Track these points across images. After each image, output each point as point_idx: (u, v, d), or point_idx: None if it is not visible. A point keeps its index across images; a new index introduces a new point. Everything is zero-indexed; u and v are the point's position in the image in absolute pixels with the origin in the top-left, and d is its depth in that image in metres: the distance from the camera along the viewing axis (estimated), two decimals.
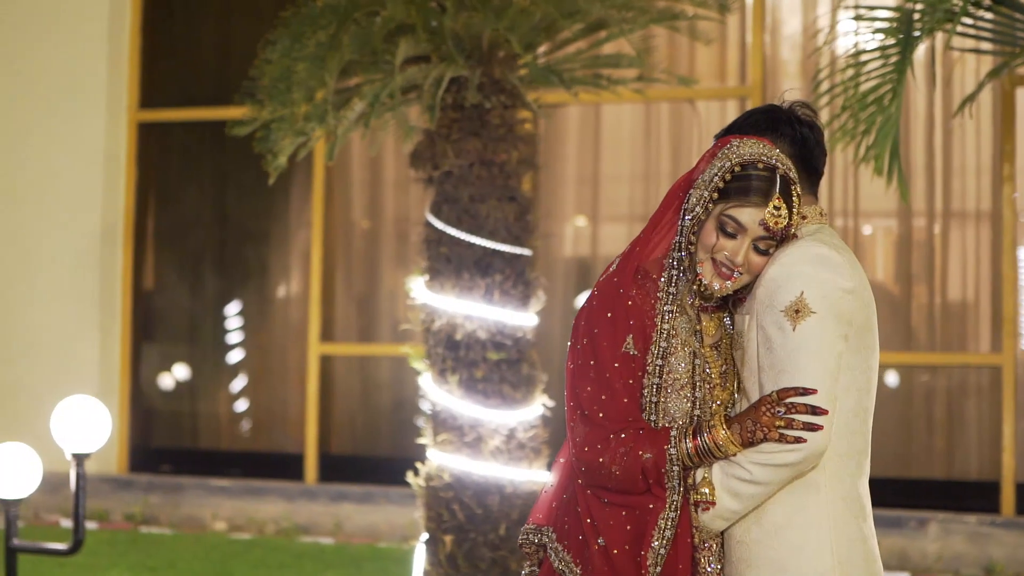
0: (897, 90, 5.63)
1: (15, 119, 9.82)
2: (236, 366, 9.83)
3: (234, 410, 9.81)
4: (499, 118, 5.73)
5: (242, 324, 9.88)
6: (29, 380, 9.47)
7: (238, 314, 9.88)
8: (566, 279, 9.02)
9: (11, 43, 9.85)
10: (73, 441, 6.47)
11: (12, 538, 6.29)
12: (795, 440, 2.90)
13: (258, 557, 7.94)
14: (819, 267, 2.99)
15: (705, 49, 8.87)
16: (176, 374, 9.94)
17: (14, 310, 9.73)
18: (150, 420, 9.91)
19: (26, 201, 9.77)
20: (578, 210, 9.17)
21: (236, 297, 9.87)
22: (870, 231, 8.89)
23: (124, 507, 9.28)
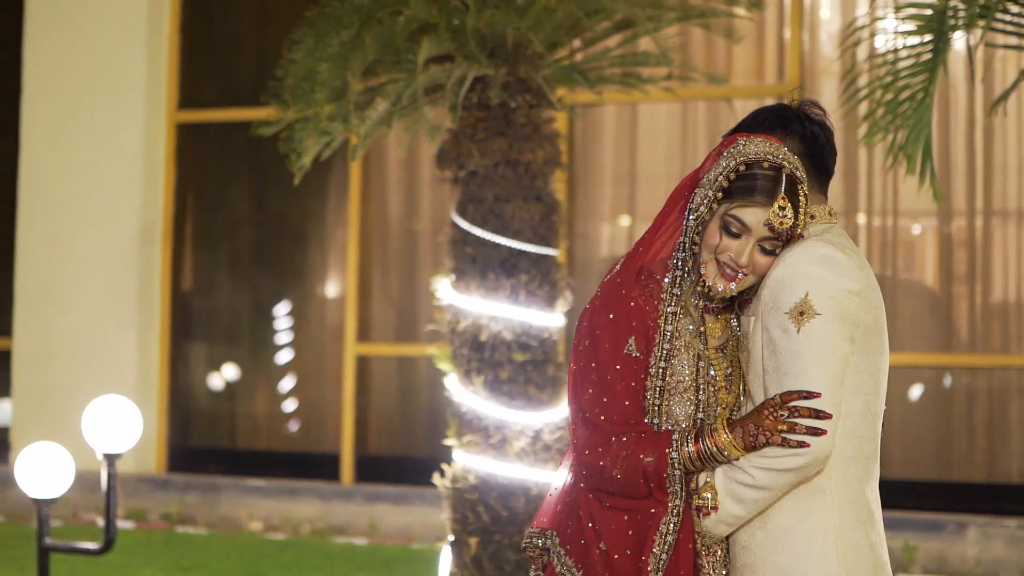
0: (929, 89, 5.53)
1: (55, 120, 9.87)
2: (273, 366, 9.84)
3: (271, 410, 9.82)
4: (524, 117, 5.69)
5: (280, 324, 9.89)
6: (68, 380, 9.51)
7: (276, 314, 9.89)
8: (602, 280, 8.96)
9: (51, 45, 9.90)
10: (104, 441, 6.49)
11: (44, 537, 6.31)
12: (798, 444, 2.84)
13: (291, 558, 7.94)
14: (824, 268, 2.93)
15: (742, 47, 8.79)
16: (214, 374, 9.96)
17: (54, 310, 9.78)
18: (188, 420, 9.94)
19: (66, 202, 9.82)
20: (614, 210, 9.11)
21: (274, 297, 9.88)
22: (911, 231, 8.77)
23: (161, 507, 9.31)
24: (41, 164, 9.89)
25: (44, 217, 9.87)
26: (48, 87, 9.90)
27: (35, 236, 9.89)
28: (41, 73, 9.93)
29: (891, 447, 8.42)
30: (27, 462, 6.30)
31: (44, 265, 9.84)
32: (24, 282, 9.90)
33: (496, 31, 5.31)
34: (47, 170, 9.87)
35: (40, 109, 9.92)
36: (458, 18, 5.19)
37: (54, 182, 9.85)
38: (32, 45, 9.96)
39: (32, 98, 9.93)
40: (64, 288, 9.77)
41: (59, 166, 9.85)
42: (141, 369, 9.67)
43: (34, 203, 9.90)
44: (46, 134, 9.89)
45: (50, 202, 9.86)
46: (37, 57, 9.94)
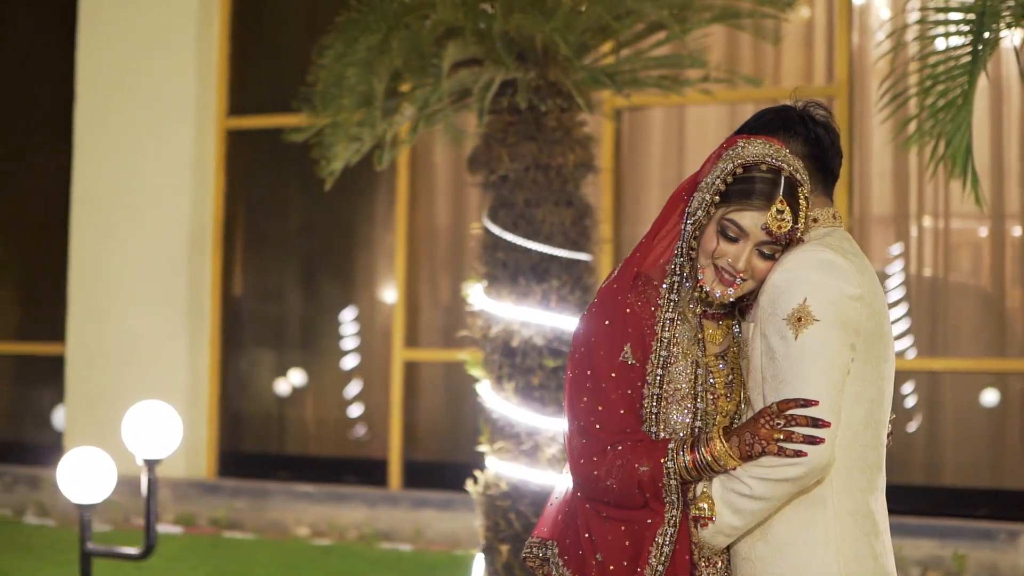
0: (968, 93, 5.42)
1: (106, 128, 9.95)
2: (323, 371, 9.85)
3: (320, 415, 9.84)
4: (555, 121, 5.63)
5: (329, 330, 9.91)
6: (120, 385, 9.58)
7: (325, 320, 9.91)
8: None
9: (102, 52, 9.99)
10: (145, 446, 6.52)
11: (87, 542, 6.35)
12: (795, 454, 2.77)
13: (334, 564, 7.94)
14: (824, 273, 2.86)
15: (791, 48, 8.69)
16: (263, 379, 10.00)
17: (106, 316, 9.86)
18: (239, 425, 9.98)
19: (117, 209, 9.89)
20: None
21: (323, 303, 9.90)
22: (964, 234, 8.61)
23: (210, 512, 9.35)
24: (93, 172, 9.98)
25: (96, 224, 9.95)
26: (100, 96, 9.98)
27: (87, 243, 9.97)
28: (93, 82, 10.01)
29: (943, 454, 8.28)
30: (69, 467, 6.35)
31: (96, 272, 9.92)
32: (77, 288, 9.99)
33: (524, 34, 5.27)
34: (99, 178, 9.96)
35: (92, 118, 10.00)
36: (484, 22, 5.15)
37: (106, 190, 9.93)
38: (85, 55, 10.05)
39: (85, 107, 10.02)
40: (116, 294, 9.84)
41: (111, 174, 9.93)
42: (192, 374, 9.72)
43: (86, 210, 9.98)
44: (98, 142, 9.97)
45: (102, 209, 9.93)
46: (89, 67, 10.03)
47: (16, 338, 10.75)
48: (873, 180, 8.50)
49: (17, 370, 10.77)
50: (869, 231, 8.53)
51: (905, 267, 8.43)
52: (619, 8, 5.29)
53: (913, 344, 8.39)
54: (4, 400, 10.84)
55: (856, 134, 8.45)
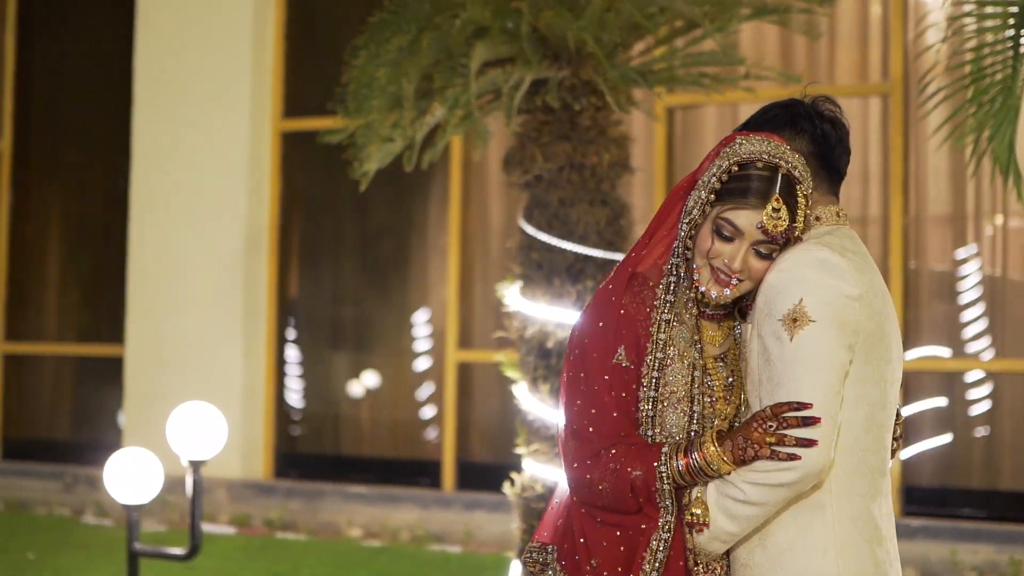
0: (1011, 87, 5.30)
1: (163, 131, 10.03)
2: (377, 373, 9.86)
3: (375, 416, 9.85)
4: (590, 120, 5.58)
5: (383, 331, 9.92)
6: (177, 387, 9.63)
7: (379, 321, 9.92)
8: None
9: (158, 55, 10.07)
10: (189, 447, 6.55)
11: (134, 542, 6.39)
12: (788, 458, 2.70)
13: (382, 565, 7.94)
14: (821, 272, 2.79)
15: (846, 45, 8.57)
16: (319, 380, 10.02)
17: (164, 318, 9.94)
18: (294, 426, 10.01)
19: (174, 211, 9.97)
20: None
21: (377, 304, 9.91)
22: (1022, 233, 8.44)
23: (264, 512, 9.38)
24: (151, 175, 10.06)
25: (154, 227, 10.03)
26: (157, 99, 10.07)
27: (146, 245, 10.05)
28: (151, 85, 10.10)
29: (1002, 457, 8.12)
30: (116, 468, 6.39)
31: (154, 274, 10.00)
32: (136, 291, 10.07)
33: (555, 33, 5.22)
34: (157, 181, 10.04)
35: (150, 121, 10.09)
36: (513, 21, 5.10)
37: (163, 192, 10.01)
38: (142, 58, 10.14)
39: (142, 110, 10.11)
40: (173, 296, 9.92)
41: (168, 176, 10.00)
42: (247, 376, 9.76)
43: (145, 213, 10.07)
44: (155, 145, 10.05)
45: (160, 212, 10.02)
46: (147, 71, 10.11)
47: (78, 340, 10.87)
48: (929, 179, 8.35)
49: (79, 371, 10.89)
50: (925, 230, 8.38)
51: (963, 267, 8.27)
52: (651, 6, 5.22)
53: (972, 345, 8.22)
54: (66, 401, 10.96)
55: (911, 132, 8.31)
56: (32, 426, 10.95)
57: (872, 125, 8.52)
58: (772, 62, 8.50)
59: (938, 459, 8.18)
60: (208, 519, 9.38)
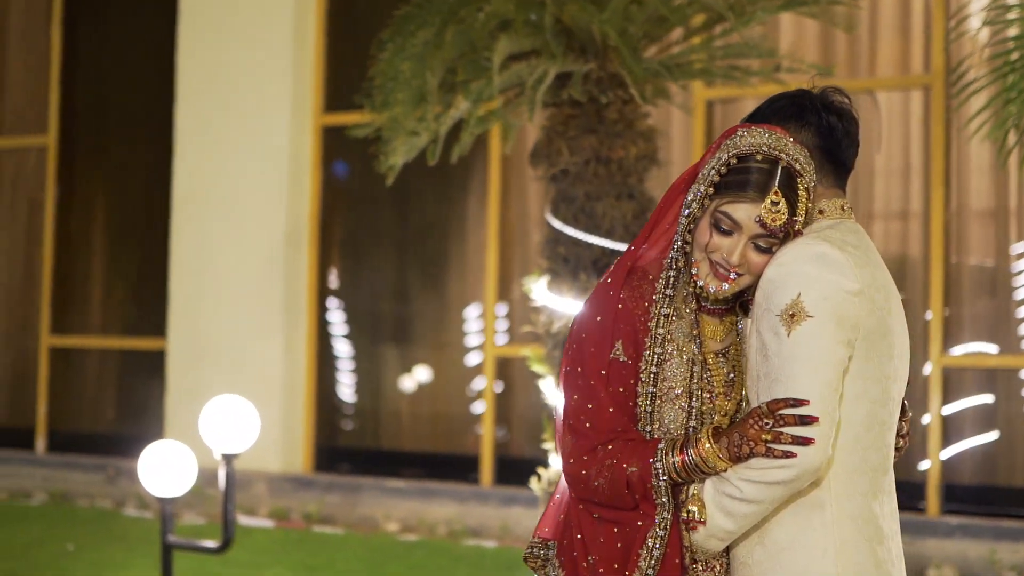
0: None
1: (205, 126, 10.07)
2: (417, 368, 9.86)
3: (414, 411, 9.85)
4: (617, 113, 5.53)
5: (423, 326, 9.91)
6: (218, 380, 9.68)
7: (419, 316, 9.92)
8: None
9: (200, 50, 10.12)
10: (222, 441, 6.57)
11: (168, 534, 6.42)
12: (784, 455, 2.66)
13: (418, 559, 7.93)
14: (820, 267, 2.74)
15: (887, 37, 8.47)
16: (359, 375, 10.03)
17: (205, 312, 9.99)
18: (334, 420, 10.03)
19: (216, 206, 10.01)
20: None
21: (417, 299, 9.91)
22: None
23: (303, 506, 9.41)
24: (193, 169, 10.11)
25: (196, 221, 10.08)
26: (199, 93, 10.11)
27: (187, 239, 10.11)
28: (193, 80, 10.15)
29: None
30: (150, 461, 6.42)
31: (196, 268, 10.05)
32: (177, 285, 10.13)
33: (580, 26, 5.18)
34: (198, 175, 10.09)
35: (192, 115, 10.14)
36: (536, 13, 5.06)
37: (205, 187, 10.05)
38: (184, 53, 10.19)
39: (184, 104, 10.16)
40: (214, 291, 9.96)
41: (209, 171, 10.05)
42: (287, 369, 9.79)
43: (186, 207, 10.12)
44: (197, 140, 10.10)
45: (201, 206, 10.06)
46: (189, 65, 10.16)
47: (122, 333, 10.94)
48: (971, 172, 8.24)
49: (123, 365, 10.97)
50: (967, 225, 8.26)
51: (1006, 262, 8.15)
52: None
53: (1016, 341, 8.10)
54: (110, 394, 11.04)
55: (954, 125, 8.19)
56: (77, 419, 11.04)
57: (914, 118, 8.41)
58: (812, 54, 8.41)
59: (979, 457, 8.07)
60: (247, 512, 9.42)
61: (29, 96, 11.36)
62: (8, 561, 7.78)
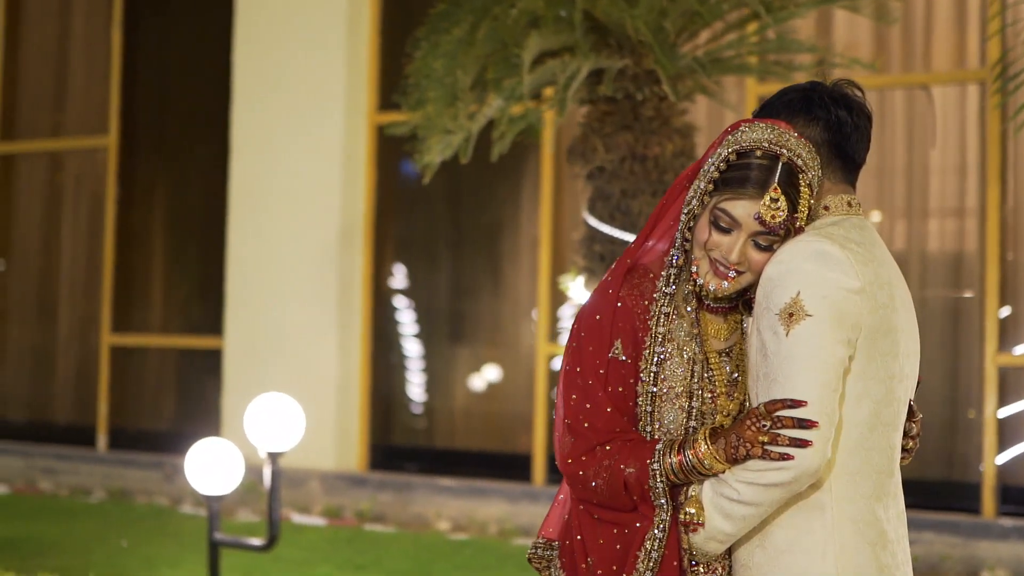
0: None
1: (261, 125, 10.13)
2: (469, 366, 9.85)
3: (467, 410, 9.84)
4: (653, 110, 5.48)
5: (475, 324, 9.90)
6: (273, 378, 9.73)
7: (472, 315, 9.91)
8: None
9: (257, 50, 10.17)
10: (267, 439, 6.59)
11: (214, 532, 6.46)
12: (781, 457, 2.61)
13: (465, 558, 7.92)
14: (819, 264, 2.68)
15: (942, 30, 8.33)
16: (413, 373, 10.04)
17: (260, 310, 10.04)
18: (388, 419, 10.05)
19: (271, 204, 10.06)
20: None
21: (471, 298, 9.90)
22: None
23: (356, 504, 9.43)
24: (249, 168, 10.17)
25: (252, 219, 10.14)
26: (255, 93, 10.17)
27: (244, 238, 10.17)
28: (249, 80, 10.21)
29: None
30: (197, 459, 6.45)
31: (252, 267, 10.11)
32: (234, 283, 10.20)
33: (613, 22, 5.14)
34: (255, 174, 10.14)
35: (248, 115, 10.19)
36: (566, 9, 5.03)
37: (261, 185, 10.11)
38: (241, 53, 10.25)
39: (241, 104, 10.23)
40: (269, 289, 10.02)
41: (265, 170, 10.10)
42: (342, 368, 9.82)
43: (243, 206, 10.18)
44: (253, 138, 10.16)
45: (257, 205, 10.12)
46: (245, 64, 10.22)
47: (181, 332, 11.03)
48: None
49: (182, 363, 11.06)
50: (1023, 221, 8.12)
51: None
52: None
53: None
54: (169, 392, 11.14)
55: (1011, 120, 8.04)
56: (137, 417, 11.15)
57: (970, 113, 8.27)
58: (866, 49, 8.30)
59: None
60: (301, 510, 9.46)
61: (91, 97, 11.49)
62: (63, 557, 7.87)
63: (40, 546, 8.19)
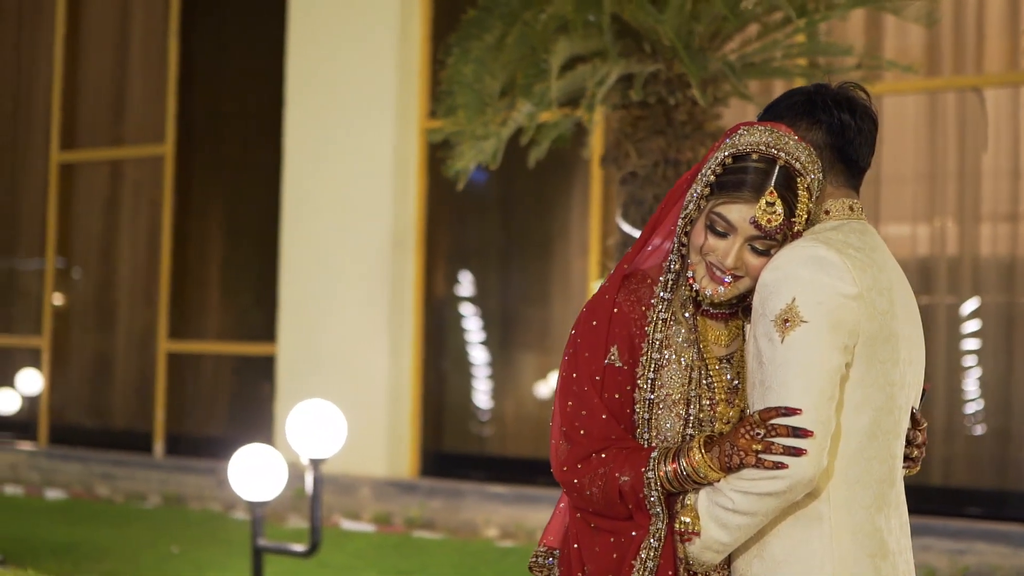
0: None
1: (312, 131, 10.18)
2: (520, 372, 9.83)
3: (519, 416, 9.82)
4: (686, 114, 5.44)
5: (526, 330, 9.88)
6: (326, 385, 9.76)
7: (523, 320, 9.89)
8: None
9: (308, 57, 10.22)
10: (308, 446, 6.62)
11: (258, 538, 6.49)
12: (775, 466, 2.57)
13: (509, 565, 7.90)
14: (815, 270, 2.64)
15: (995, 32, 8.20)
16: (464, 380, 10.04)
17: (313, 317, 10.08)
18: (440, 425, 10.05)
19: (324, 211, 10.10)
20: None
21: (521, 303, 9.88)
22: None
23: (406, 511, 9.44)
24: (302, 175, 10.22)
25: (305, 226, 10.19)
26: (308, 100, 10.22)
27: (297, 245, 10.22)
28: (302, 87, 10.26)
29: None
30: (241, 465, 6.49)
31: (305, 273, 10.16)
32: (287, 290, 10.25)
33: (644, 26, 5.10)
34: (307, 180, 10.19)
35: (301, 122, 10.25)
36: (595, 14, 5.00)
37: (313, 192, 10.16)
38: (294, 62, 10.30)
39: (294, 112, 10.28)
40: (322, 295, 10.05)
41: (318, 176, 10.14)
42: (393, 374, 9.83)
43: (296, 212, 10.24)
44: (306, 145, 10.21)
45: (310, 211, 10.17)
46: (298, 72, 10.28)
47: (236, 339, 11.11)
48: None
49: (237, 369, 11.14)
50: None
51: None
52: None
53: None
54: (224, 398, 11.22)
55: None
56: (193, 423, 11.24)
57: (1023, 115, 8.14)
58: (916, 51, 8.19)
59: None
60: (351, 517, 9.49)
61: (149, 106, 11.61)
62: (113, 562, 7.95)
63: (92, 551, 8.27)
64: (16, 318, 12.43)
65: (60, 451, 11.33)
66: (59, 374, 11.92)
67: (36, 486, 11.07)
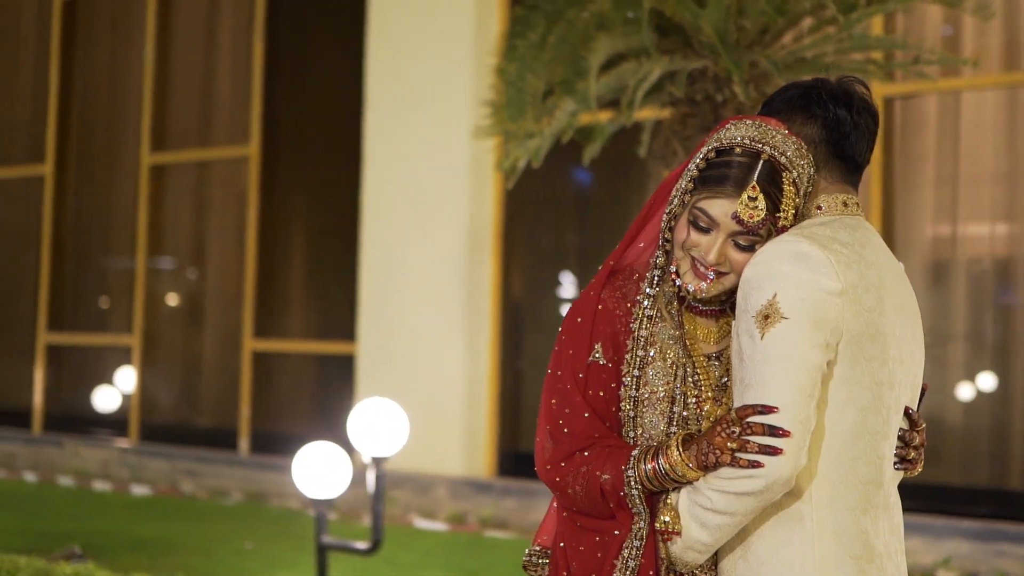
0: None
1: (391, 132, 10.24)
2: None
3: None
4: (734, 111, 5.37)
5: None
6: (402, 385, 9.82)
7: None
8: (923, 287, 8.36)
9: (388, 63, 10.29)
10: (370, 444, 6.65)
11: (322, 535, 6.54)
12: (751, 465, 2.52)
13: None
14: (797, 265, 2.59)
15: None
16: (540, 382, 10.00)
17: (391, 317, 10.14)
18: (516, 425, 10.05)
19: (403, 212, 10.16)
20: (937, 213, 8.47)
21: None
22: None
23: (480, 510, 9.45)
24: (381, 177, 10.29)
25: (384, 227, 10.25)
26: (387, 99, 10.29)
27: (376, 246, 10.29)
28: (381, 88, 10.33)
29: None
30: (305, 462, 6.53)
31: (383, 273, 10.22)
32: (367, 290, 10.32)
33: (687, 23, 5.05)
34: (386, 182, 10.26)
35: (380, 124, 10.31)
36: (634, 12, 4.96)
37: (392, 193, 10.22)
38: (373, 63, 10.38)
39: (373, 114, 10.35)
40: (400, 295, 10.11)
41: (396, 178, 10.20)
42: (470, 374, 9.86)
43: (376, 213, 10.30)
44: (385, 147, 10.27)
45: (389, 212, 10.23)
46: (378, 77, 10.35)
47: (318, 338, 11.21)
48: None
49: (319, 368, 11.24)
50: None
51: None
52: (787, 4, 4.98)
53: None
54: (306, 397, 11.34)
55: None
56: (276, 421, 11.37)
57: None
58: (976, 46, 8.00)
59: None
60: (426, 516, 9.53)
61: (235, 108, 11.77)
62: (187, 556, 8.06)
63: (168, 546, 8.40)
64: (109, 317, 12.68)
65: (149, 448, 11.53)
66: (149, 372, 12.13)
67: (124, 482, 11.27)
